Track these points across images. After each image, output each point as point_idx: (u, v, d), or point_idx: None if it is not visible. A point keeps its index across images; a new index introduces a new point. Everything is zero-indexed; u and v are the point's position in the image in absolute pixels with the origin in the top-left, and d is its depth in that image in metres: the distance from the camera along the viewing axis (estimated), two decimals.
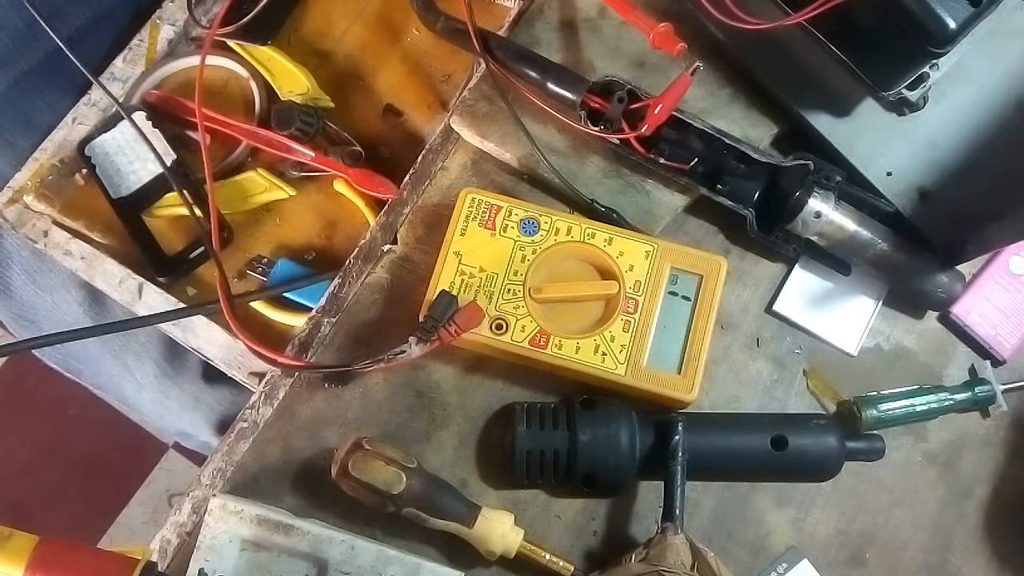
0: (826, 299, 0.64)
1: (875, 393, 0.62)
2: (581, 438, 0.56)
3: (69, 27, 0.73)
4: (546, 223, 0.61)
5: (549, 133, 0.65)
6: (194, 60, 0.76)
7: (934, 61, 0.59)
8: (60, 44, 0.69)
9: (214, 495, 0.54)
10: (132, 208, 0.72)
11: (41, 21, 0.68)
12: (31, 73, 0.73)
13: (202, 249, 0.73)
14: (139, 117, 0.72)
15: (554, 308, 0.60)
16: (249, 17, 0.73)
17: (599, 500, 0.60)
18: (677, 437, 0.56)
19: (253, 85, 0.75)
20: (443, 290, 0.58)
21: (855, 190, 0.62)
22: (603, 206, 0.63)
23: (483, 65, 0.65)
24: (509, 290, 0.59)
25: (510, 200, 0.62)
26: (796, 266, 0.65)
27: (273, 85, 0.75)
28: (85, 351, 0.82)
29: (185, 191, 0.69)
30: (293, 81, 0.75)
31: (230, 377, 0.70)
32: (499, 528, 0.55)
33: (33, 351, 0.83)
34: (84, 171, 0.73)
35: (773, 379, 0.63)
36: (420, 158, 0.67)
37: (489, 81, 0.65)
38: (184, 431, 0.84)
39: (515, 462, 0.57)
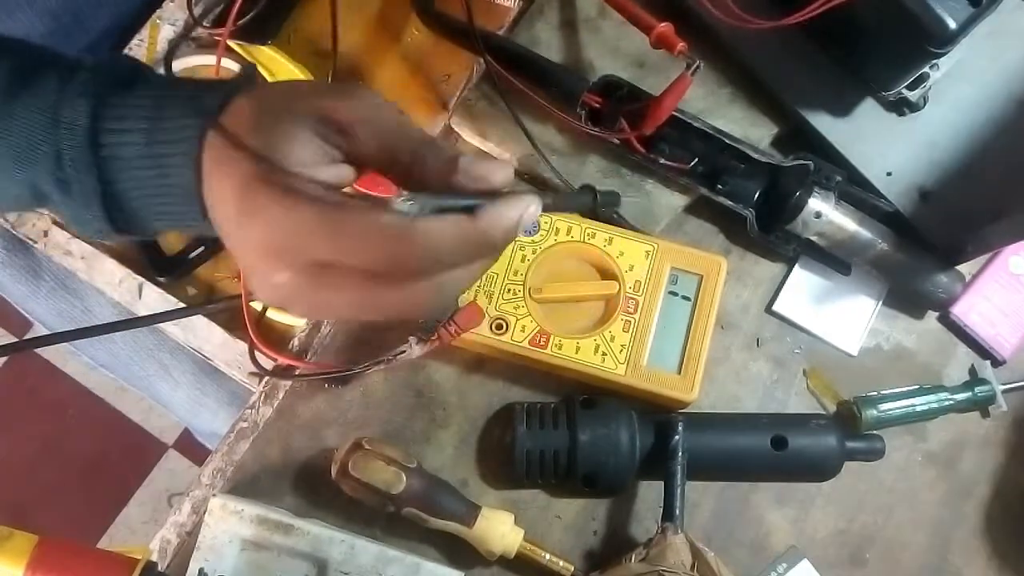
0: (826, 299, 0.64)
1: (875, 393, 0.62)
2: (581, 438, 0.56)
3: (90, 34, 0.73)
4: (546, 223, 0.61)
5: (549, 133, 0.65)
6: (193, 60, 0.75)
7: (934, 61, 0.59)
8: (82, 52, 0.69)
9: (214, 495, 0.55)
10: None
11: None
12: None
13: (202, 249, 0.72)
14: None
15: (554, 308, 0.60)
16: (249, 17, 0.73)
17: (599, 500, 0.60)
18: (677, 437, 0.56)
19: None
20: None
21: (855, 190, 0.62)
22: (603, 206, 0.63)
23: (483, 65, 0.65)
24: (509, 290, 0.59)
25: None
26: (796, 266, 0.65)
27: None
28: (120, 349, 0.82)
29: None
30: None
31: None
32: (499, 528, 0.55)
33: (75, 350, 0.84)
34: None
35: (773, 379, 0.63)
36: None
37: (489, 81, 0.65)
38: (216, 431, 0.84)
39: (515, 462, 0.57)
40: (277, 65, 0.76)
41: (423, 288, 0.40)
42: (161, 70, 0.75)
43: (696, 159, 0.63)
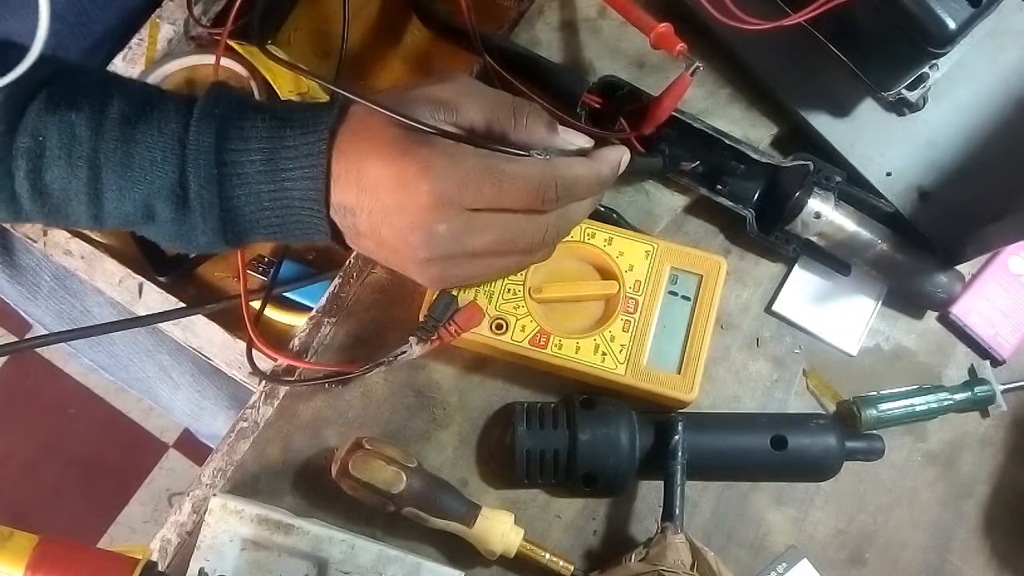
0: (826, 299, 0.64)
1: (875, 393, 0.62)
2: (581, 438, 0.56)
3: (94, 34, 0.73)
4: None
5: None
6: (193, 59, 0.75)
7: (934, 61, 0.59)
8: (83, 52, 0.69)
9: (214, 494, 0.55)
10: None
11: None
12: None
13: None
14: None
15: (554, 308, 0.60)
16: (249, 16, 0.73)
17: (599, 500, 0.60)
18: (677, 437, 0.56)
19: (253, 85, 0.75)
20: (443, 290, 0.58)
21: (855, 190, 0.62)
22: (603, 206, 0.63)
23: (483, 65, 0.65)
24: (509, 290, 0.59)
25: None
26: (796, 266, 0.65)
27: (273, 85, 0.75)
28: (119, 351, 0.83)
29: None
30: (293, 81, 0.75)
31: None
32: (499, 528, 0.55)
33: (74, 351, 0.84)
34: None
35: (773, 379, 0.63)
36: None
37: (488, 81, 0.65)
38: (216, 433, 0.84)
39: (515, 462, 0.57)
40: (277, 65, 0.76)
41: (554, 217, 0.50)
42: (160, 70, 0.76)
43: (696, 159, 0.63)
